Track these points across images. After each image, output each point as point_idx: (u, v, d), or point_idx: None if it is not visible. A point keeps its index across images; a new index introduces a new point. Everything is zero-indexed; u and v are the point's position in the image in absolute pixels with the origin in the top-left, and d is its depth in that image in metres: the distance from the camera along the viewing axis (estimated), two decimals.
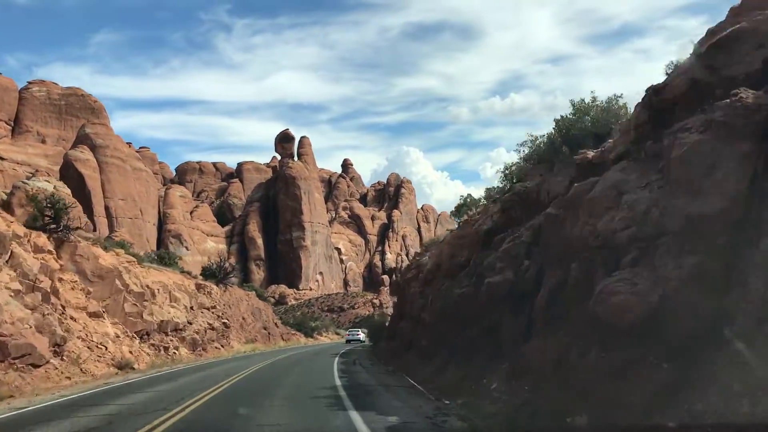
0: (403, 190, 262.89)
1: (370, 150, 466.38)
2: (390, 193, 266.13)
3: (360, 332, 79.77)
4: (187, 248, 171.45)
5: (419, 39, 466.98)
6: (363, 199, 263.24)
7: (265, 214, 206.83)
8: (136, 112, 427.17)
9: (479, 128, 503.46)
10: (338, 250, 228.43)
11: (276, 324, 74.20)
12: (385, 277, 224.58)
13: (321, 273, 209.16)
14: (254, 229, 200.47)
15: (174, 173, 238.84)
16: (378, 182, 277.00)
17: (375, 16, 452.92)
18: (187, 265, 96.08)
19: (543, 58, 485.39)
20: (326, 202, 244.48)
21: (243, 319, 62.71)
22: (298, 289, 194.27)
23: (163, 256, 57.50)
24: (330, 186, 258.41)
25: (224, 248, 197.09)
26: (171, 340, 39.61)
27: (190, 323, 44.21)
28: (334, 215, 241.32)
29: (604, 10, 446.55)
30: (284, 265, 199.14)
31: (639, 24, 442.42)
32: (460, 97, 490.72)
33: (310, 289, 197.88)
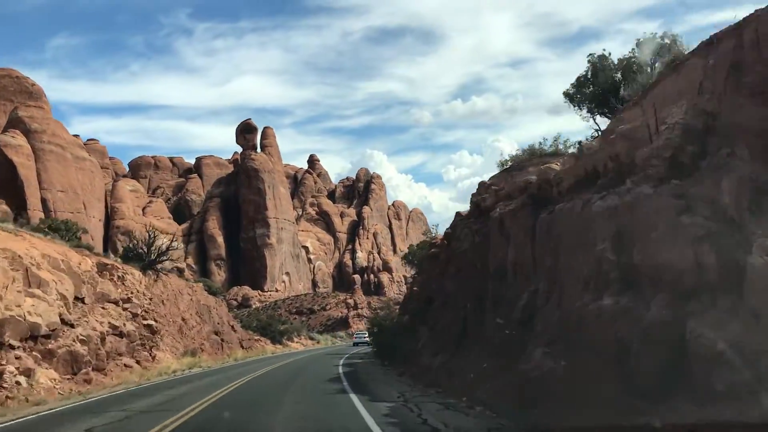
0: (373, 186, 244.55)
1: (334, 153, 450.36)
2: (359, 189, 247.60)
3: (366, 334, 77.15)
4: None
5: (381, 43, 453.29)
6: (331, 196, 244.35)
7: (226, 210, 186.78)
8: (95, 118, 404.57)
9: (442, 131, 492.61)
10: (306, 248, 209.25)
11: (233, 327, 55.21)
12: (357, 277, 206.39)
13: (287, 273, 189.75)
14: (214, 227, 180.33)
15: (127, 169, 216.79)
16: (347, 178, 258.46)
17: (337, 20, 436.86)
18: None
19: (503, 62, 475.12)
20: (292, 199, 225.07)
21: (183, 320, 43.96)
22: (262, 290, 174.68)
23: (59, 227, 37.95)
24: (296, 182, 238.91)
25: (182, 247, 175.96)
26: (18, 357, 20.41)
27: (72, 325, 25.14)
28: (300, 212, 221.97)
29: (563, 14, 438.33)
30: (247, 265, 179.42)
31: (597, 27, 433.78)
32: (423, 101, 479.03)
33: (276, 291, 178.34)
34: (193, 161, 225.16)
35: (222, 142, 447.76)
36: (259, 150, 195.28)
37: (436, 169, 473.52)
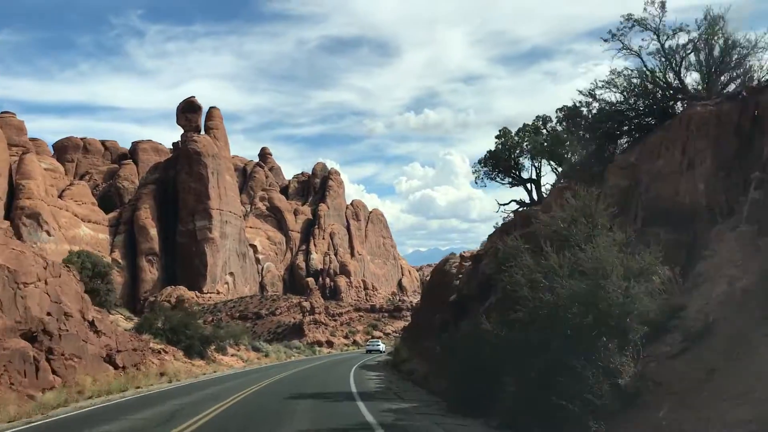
0: (330, 183, 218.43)
1: (286, 161, 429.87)
2: (315, 186, 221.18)
3: (380, 342, 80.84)
4: (48, 233, 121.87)
5: (336, 53, 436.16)
6: (284, 192, 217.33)
7: (163, 199, 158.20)
8: (40, 117, 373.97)
9: (395, 143, 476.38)
10: (254, 247, 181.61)
11: (93, 326, 27.70)
12: (311, 280, 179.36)
13: (231, 273, 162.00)
14: (146, 216, 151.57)
15: (52, 151, 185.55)
16: (302, 173, 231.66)
17: (292, 28, 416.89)
18: (48, 256, 50.26)
19: (456, 77, 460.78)
20: (240, 194, 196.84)
21: None
22: (201, 291, 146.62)
23: None
24: (245, 176, 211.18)
25: (106, 238, 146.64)
26: None
27: None
28: (249, 208, 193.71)
29: (515, 32, 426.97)
30: (185, 263, 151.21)
31: (548, 47, 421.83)
32: (377, 112, 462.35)
33: (218, 293, 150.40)
34: (129, 146, 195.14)
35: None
36: (203, 132, 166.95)
37: (388, 181, 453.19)
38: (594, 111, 22.60)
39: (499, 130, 32.82)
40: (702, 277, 14.56)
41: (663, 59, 21.49)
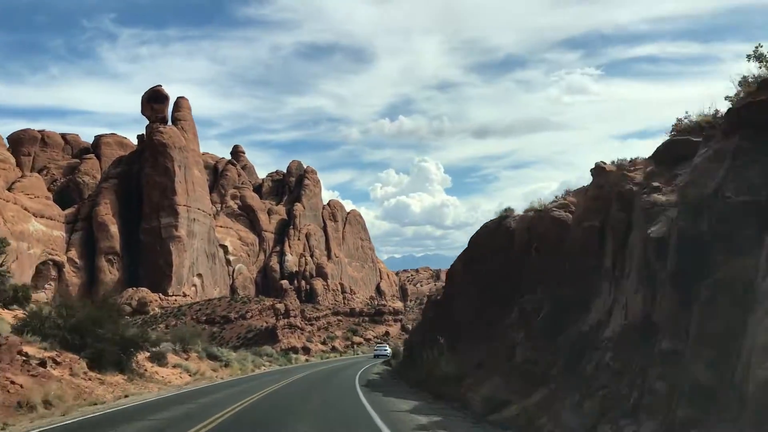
0: (306, 182, 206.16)
1: (260, 167, 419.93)
2: (291, 185, 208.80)
3: (387, 347, 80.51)
4: None
5: (311, 59, 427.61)
6: (258, 192, 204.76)
7: (126, 194, 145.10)
8: (9, 121, 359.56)
9: (370, 149, 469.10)
10: (224, 248, 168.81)
11: None
12: (285, 283, 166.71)
13: (200, 275, 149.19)
14: (106, 212, 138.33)
15: (7, 144, 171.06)
16: (276, 171, 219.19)
17: (267, 33, 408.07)
18: None
19: (431, 85, 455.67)
20: (211, 193, 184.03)
21: None
22: (166, 294, 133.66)
23: None
24: (216, 174, 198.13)
25: (61, 236, 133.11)
26: None
27: None
28: (220, 206, 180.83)
29: (489, 40, 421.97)
30: (148, 263, 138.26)
31: (522, 56, 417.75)
32: (352, 118, 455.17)
33: (184, 296, 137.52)
34: (91, 141, 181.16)
35: None
36: (170, 124, 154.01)
37: (364, 187, 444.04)
38: None
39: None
40: None
41: None
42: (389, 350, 75.12)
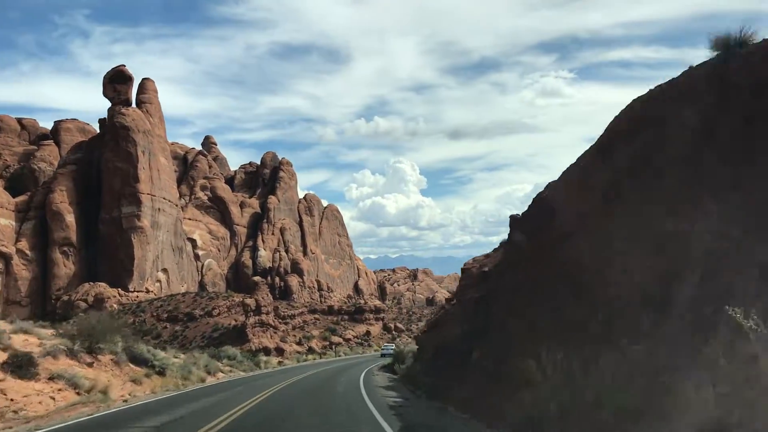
0: (281, 174, 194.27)
1: (235, 166, 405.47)
2: (265, 177, 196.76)
3: (392, 346, 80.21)
4: None
5: (287, 59, 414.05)
6: (230, 184, 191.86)
7: (85, 182, 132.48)
8: None
9: (345, 150, 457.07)
10: (193, 241, 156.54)
11: None
12: (258, 279, 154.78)
13: (165, 270, 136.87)
14: (62, 200, 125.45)
15: None
16: (250, 163, 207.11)
17: (242, 32, 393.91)
18: None
19: (407, 86, 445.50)
20: (180, 185, 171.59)
21: None
22: (126, 289, 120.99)
23: None
24: (186, 165, 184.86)
25: (11, 225, 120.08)
26: None
27: None
28: (189, 198, 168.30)
29: (465, 43, 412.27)
30: (108, 256, 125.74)
31: (496, 59, 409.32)
32: (327, 119, 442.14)
33: (147, 292, 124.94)
34: (51, 126, 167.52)
35: None
36: (134, 106, 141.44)
37: (339, 188, 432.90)
38: None
39: None
40: None
41: None
42: (392, 350, 73.30)
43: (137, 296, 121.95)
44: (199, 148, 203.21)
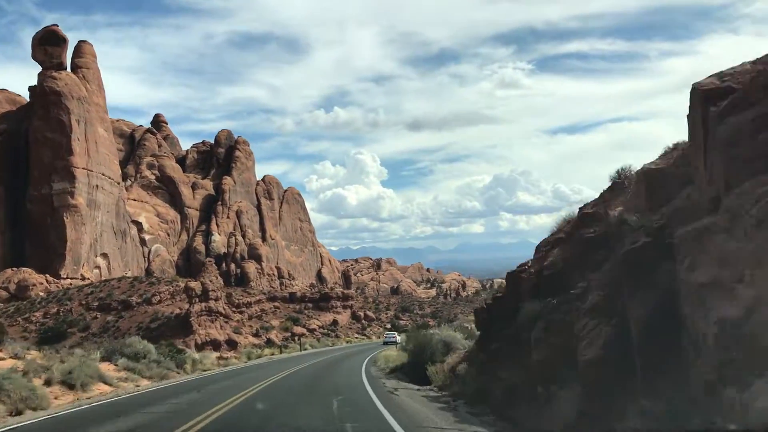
0: (237, 153, 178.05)
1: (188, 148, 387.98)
2: (219, 157, 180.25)
3: (396, 335, 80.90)
4: None
5: (245, 48, 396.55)
6: (181, 165, 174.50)
7: (11, 156, 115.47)
8: None
9: (305, 141, 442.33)
10: (138, 225, 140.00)
11: None
12: (208, 260, 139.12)
13: (105, 255, 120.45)
14: None
15: None
16: (203, 142, 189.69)
17: (199, 21, 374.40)
18: None
19: (367, 77, 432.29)
20: (126, 165, 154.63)
21: None
22: (58, 276, 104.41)
23: None
24: (133, 144, 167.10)
25: None
26: None
27: None
28: (135, 177, 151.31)
29: (424, 34, 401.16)
30: (37, 238, 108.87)
31: (456, 50, 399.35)
32: (287, 109, 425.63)
33: (83, 279, 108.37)
34: None
35: None
36: (68, 70, 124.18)
37: (299, 179, 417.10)
38: None
39: None
40: None
41: None
42: (398, 338, 73.32)
43: (71, 284, 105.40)
44: (148, 126, 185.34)
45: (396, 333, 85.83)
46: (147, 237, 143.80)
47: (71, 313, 79.80)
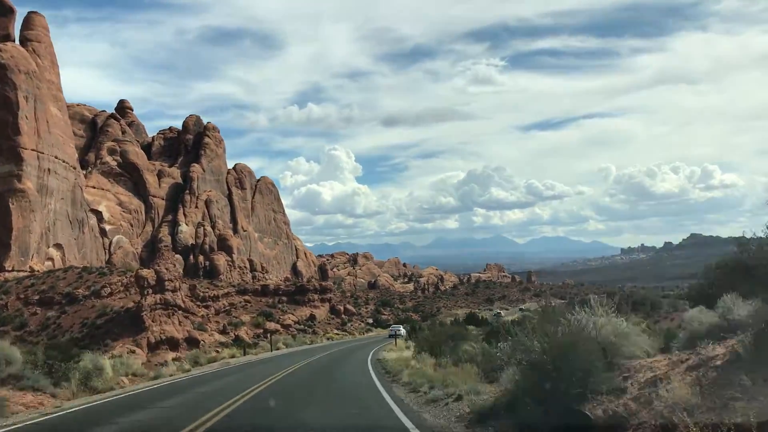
0: (207, 140, 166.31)
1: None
2: (188, 143, 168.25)
3: (401, 328, 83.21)
4: None
5: (219, 44, 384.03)
6: (147, 152, 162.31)
7: None
8: None
9: (279, 137, 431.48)
10: (98, 214, 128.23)
11: None
12: (163, 246, 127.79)
13: (59, 246, 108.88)
14: None
15: None
16: (170, 128, 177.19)
17: (171, 16, 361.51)
18: None
19: (341, 73, 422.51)
20: (87, 152, 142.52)
21: None
22: (2, 268, 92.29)
23: None
24: (95, 130, 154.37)
25: None
26: None
27: None
28: (95, 164, 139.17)
29: (398, 31, 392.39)
30: None
31: (430, 46, 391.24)
32: (261, 105, 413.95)
33: (32, 272, 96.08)
34: None
35: None
36: (17, 42, 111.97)
37: (273, 175, 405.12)
38: None
39: None
40: None
41: None
42: (403, 331, 75.20)
43: (17, 276, 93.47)
44: (111, 112, 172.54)
45: (401, 326, 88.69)
46: (108, 227, 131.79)
47: (6, 309, 68.31)
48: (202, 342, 65.69)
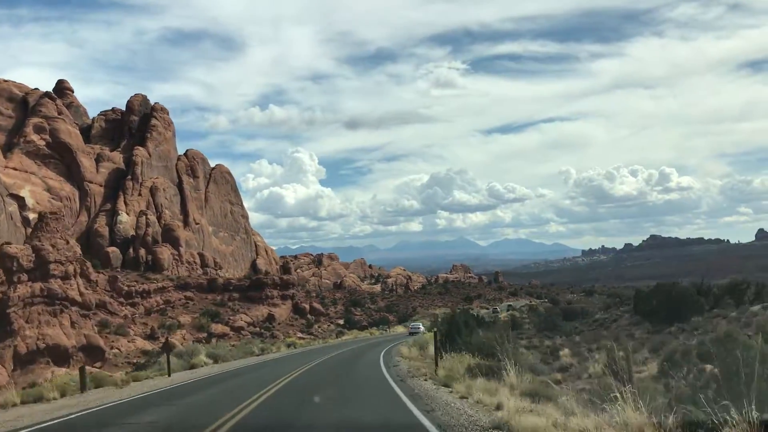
0: (154, 122, 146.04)
1: None
2: (132, 125, 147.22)
3: (420, 325, 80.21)
4: None
5: (179, 45, 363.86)
6: (86, 135, 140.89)
7: None
8: None
9: (241, 140, 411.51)
10: (20, 200, 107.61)
11: None
12: (114, 251, 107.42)
13: None
14: None
15: None
16: (113, 109, 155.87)
17: (130, 17, 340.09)
18: None
19: (304, 75, 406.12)
20: (16, 135, 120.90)
21: None
22: None
23: None
24: (26, 110, 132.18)
25: None
26: None
27: None
28: (18, 143, 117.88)
29: (361, 34, 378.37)
30: None
31: (392, 50, 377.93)
32: (221, 107, 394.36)
33: None
34: None
35: None
36: None
37: (235, 178, 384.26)
38: None
39: None
40: None
41: None
42: (422, 328, 72.43)
43: None
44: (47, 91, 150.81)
45: (421, 323, 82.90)
46: (32, 216, 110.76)
47: None
48: (114, 351, 46.46)
